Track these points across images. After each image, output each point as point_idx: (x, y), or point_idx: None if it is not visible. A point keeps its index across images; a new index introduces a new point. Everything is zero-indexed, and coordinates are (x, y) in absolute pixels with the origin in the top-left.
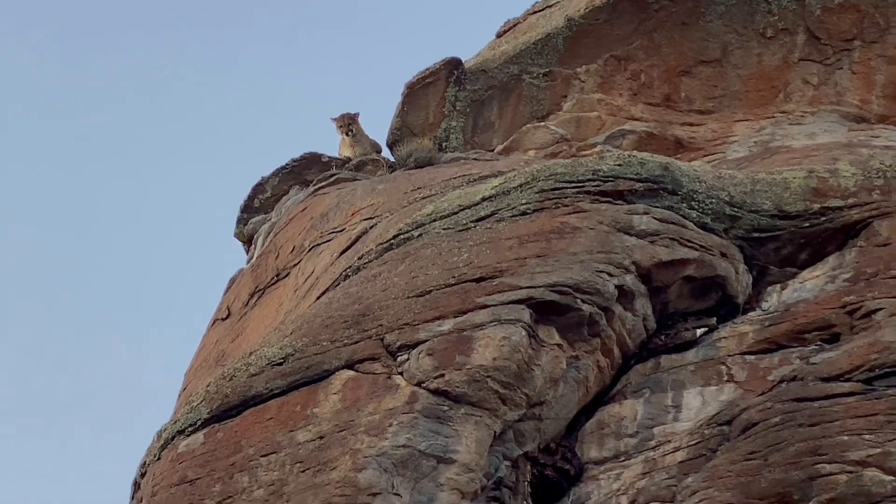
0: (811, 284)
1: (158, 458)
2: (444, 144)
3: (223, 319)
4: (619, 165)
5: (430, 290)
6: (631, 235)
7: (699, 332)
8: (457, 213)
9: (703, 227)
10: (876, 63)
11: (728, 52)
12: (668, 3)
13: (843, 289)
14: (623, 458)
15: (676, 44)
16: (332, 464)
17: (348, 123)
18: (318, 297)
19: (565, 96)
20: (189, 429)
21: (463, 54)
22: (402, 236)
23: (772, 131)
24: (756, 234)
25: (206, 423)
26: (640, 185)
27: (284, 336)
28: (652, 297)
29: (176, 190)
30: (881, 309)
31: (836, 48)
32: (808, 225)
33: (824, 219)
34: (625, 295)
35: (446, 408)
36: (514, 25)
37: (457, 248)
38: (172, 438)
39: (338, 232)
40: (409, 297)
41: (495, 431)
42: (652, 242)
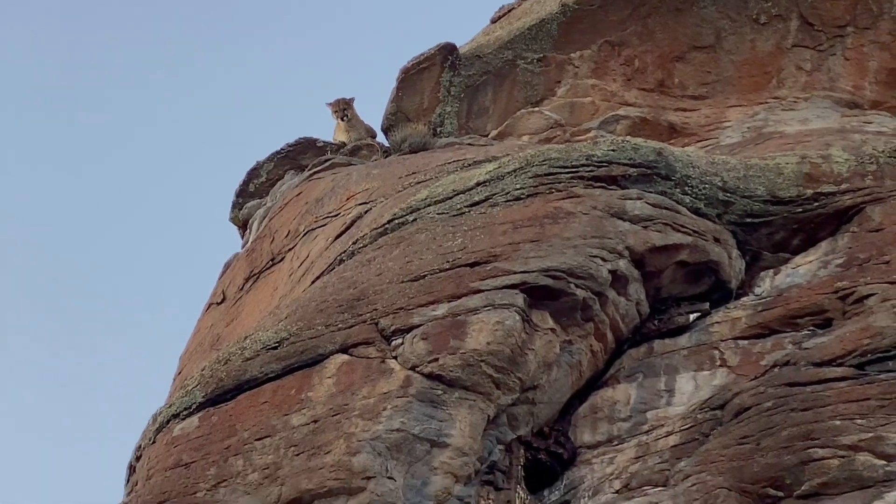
0: (804, 270)
1: (153, 442)
2: (438, 129)
3: (218, 304)
4: (613, 151)
5: (425, 275)
6: (624, 220)
7: (692, 316)
8: (451, 197)
9: (697, 212)
10: (869, 49)
11: (721, 38)
12: None
13: (836, 274)
14: (616, 443)
15: (670, 29)
16: (326, 447)
17: (343, 108)
18: (312, 282)
19: (559, 81)
20: (184, 412)
21: (458, 40)
22: (396, 221)
23: (765, 117)
24: (749, 220)
25: (201, 406)
26: (634, 170)
27: (279, 320)
28: (645, 282)
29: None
30: (873, 294)
31: (830, 34)
32: (800, 210)
33: (817, 204)
34: (618, 280)
35: (440, 392)
36: (509, 11)
37: (451, 233)
38: (167, 422)
39: (332, 216)
40: (403, 282)
41: (489, 415)
42: (645, 227)
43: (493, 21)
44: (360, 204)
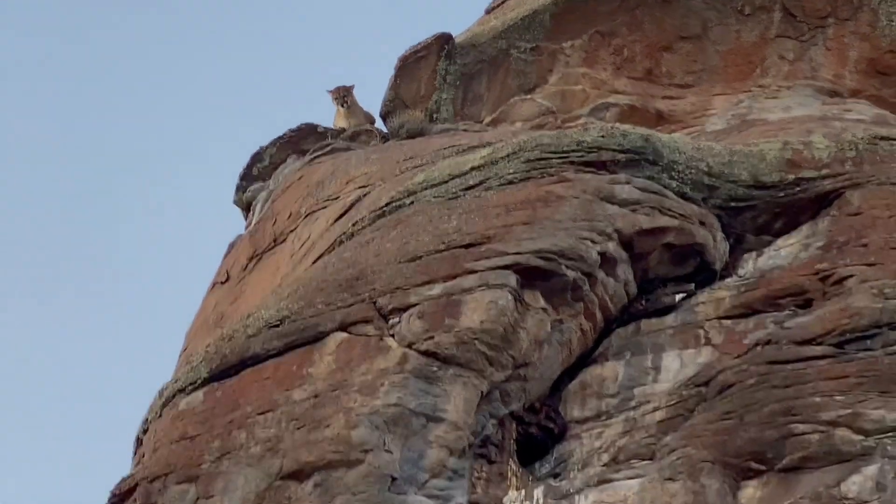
0: (785, 252)
1: (160, 416)
2: (434, 116)
3: (222, 283)
4: (603, 137)
5: (421, 256)
6: (613, 204)
7: (678, 297)
8: (447, 181)
9: (683, 196)
10: (849, 39)
11: (707, 29)
12: None
13: (816, 256)
14: (604, 418)
15: (658, 20)
16: (326, 421)
17: (343, 95)
18: (313, 262)
19: (551, 70)
20: (189, 387)
21: (454, 30)
22: (394, 204)
23: (749, 105)
24: (733, 204)
25: (206, 382)
26: (623, 155)
27: (281, 299)
28: (633, 264)
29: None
30: (852, 276)
31: (811, 25)
32: (782, 195)
33: (798, 189)
34: (607, 261)
35: (435, 368)
36: (503, 2)
37: (447, 216)
38: (173, 396)
39: (333, 199)
40: (400, 263)
41: (482, 391)
42: (633, 211)
43: (488, 11)
44: (359, 187)
